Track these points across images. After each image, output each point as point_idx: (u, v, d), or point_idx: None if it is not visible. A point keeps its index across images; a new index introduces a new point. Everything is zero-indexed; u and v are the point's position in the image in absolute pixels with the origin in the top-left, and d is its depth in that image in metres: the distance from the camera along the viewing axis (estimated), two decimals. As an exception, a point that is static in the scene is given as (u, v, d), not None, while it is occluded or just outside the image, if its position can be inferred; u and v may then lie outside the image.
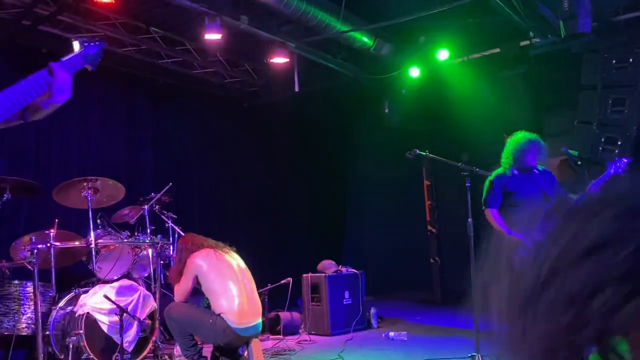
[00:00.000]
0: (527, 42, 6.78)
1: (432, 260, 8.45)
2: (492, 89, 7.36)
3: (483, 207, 4.69)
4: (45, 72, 1.97)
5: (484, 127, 6.94)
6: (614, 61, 6.04)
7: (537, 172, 5.00)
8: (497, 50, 7.03)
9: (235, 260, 4.15)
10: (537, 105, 7.78)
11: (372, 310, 6.22)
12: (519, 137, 4.90)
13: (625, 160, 4.97)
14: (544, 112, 7.92)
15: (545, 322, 0.54)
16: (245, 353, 3.91)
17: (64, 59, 2.10)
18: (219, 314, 3.86)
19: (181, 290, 4.12)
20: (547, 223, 0.61)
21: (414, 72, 7.49)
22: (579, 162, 6.22)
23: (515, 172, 4.85)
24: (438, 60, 7.20)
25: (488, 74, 7.27)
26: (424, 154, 4.15)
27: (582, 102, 6.31)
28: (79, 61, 2.10)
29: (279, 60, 6.67)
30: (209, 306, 4.07)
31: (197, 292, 4.35)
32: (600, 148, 6.02)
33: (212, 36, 5.91)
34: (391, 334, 5.48)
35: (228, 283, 3.93)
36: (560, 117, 7.36)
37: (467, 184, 4.21)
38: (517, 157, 4.81)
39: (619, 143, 5.92)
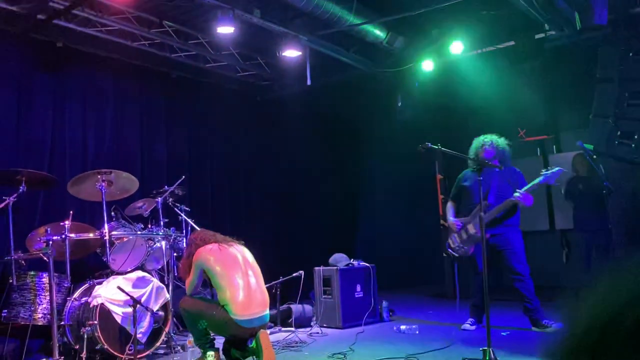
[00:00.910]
0: (542, 35, 6.69)
1: (444, 255, 8.42)
2: (507, 83, 7.29)
3: None
4: None
5: (498, 121, 6.89)
6: (630, 54, 5.94)
7: (497, 170, 5.08)
8: (512, 43, 6.95)
9: (240, 252, 4.20)
10: (552, 98, 7.71)
11: (384, 304, 6.23)
12: (479, 138, 5.38)
13: (558, 170, 4.99)
14: (559, 106, 7.85)
15: None
16: (252, 344, 3.94)
17: None
18: (222, 306, 3.92)
19: (190, 284, 4.23)
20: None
21: (428, 65, 7.43)
22: (594, 156, 6.15)
23: (476, 168, 5.11)
24: (452, 54, 7.14)
25: (502, 67, 7.19)
26: (436, 147, 4.12)
27: (597, 96, 6.23)
28: None
29: (292, 53, 6.67)
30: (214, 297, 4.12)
31: (206, 285, 4.41)
32: (616, 142, 5.94)
33: (225, 30, 5.92)
34: (403, 327, 5.48)
35: (233, 275, 3.99)
36: (576, 111, 7.28)
37: (479, 178, 4.18)
38: (474, 154, 5.27)
39: (636, 137, 5.83)
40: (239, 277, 4.01)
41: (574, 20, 5.41)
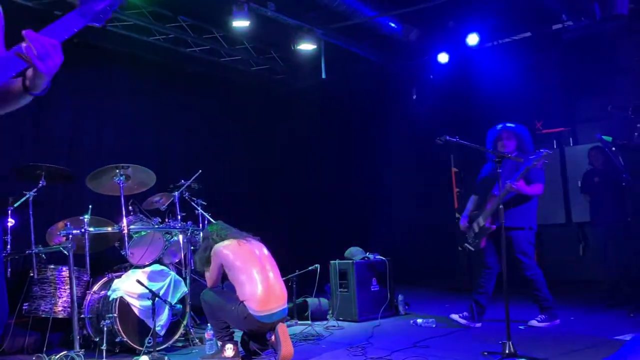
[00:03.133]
0: (559, 26, 6.62)
1: (460, 248, 8.38)
2: (524, 75, 7.22)
3: None
4: (19, 48, 1.66)
5: (515, 114, 6.82)
6: (651, 44, 5.86)
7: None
8: (529, 34, 6.88)
9: (257, 248, 4.23)
10: (569, 90, 7.61)
11: (400, 297, 6.21)
12: (495, 128, 5.17)
13: (543, 151, 4.67)
14: (577, 98, 7.75)
15: None
16: (272, 338, 3.96)
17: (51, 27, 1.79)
18: (242, 302, 3.93)
19: (210, 278, 4.28)
20: None
21: (443, 57, 7.38)
22: (613, 148, 6.07)
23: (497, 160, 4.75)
24: (467, 45, 7.08)
25: (519, 59, 7.12)
26: (454, 140, 4.10)
27: (616, 87, 6.15)
28: (75, 22, 1.81)
29: (306, 46, 6.65)
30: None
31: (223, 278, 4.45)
32: (636, 133, 5.86)
33: (240, 23, 5.92)
34: (419, 320, 5.46)
35: (251, 271, 4.01)
36: (594, 103, 7.19)
37: (498, 170, 4.15)
38: (492, 147, 5.08)
39: (656, 128, 5.76)
40: (258, 272, 4.02)
41: (593, 10, 5.32)
